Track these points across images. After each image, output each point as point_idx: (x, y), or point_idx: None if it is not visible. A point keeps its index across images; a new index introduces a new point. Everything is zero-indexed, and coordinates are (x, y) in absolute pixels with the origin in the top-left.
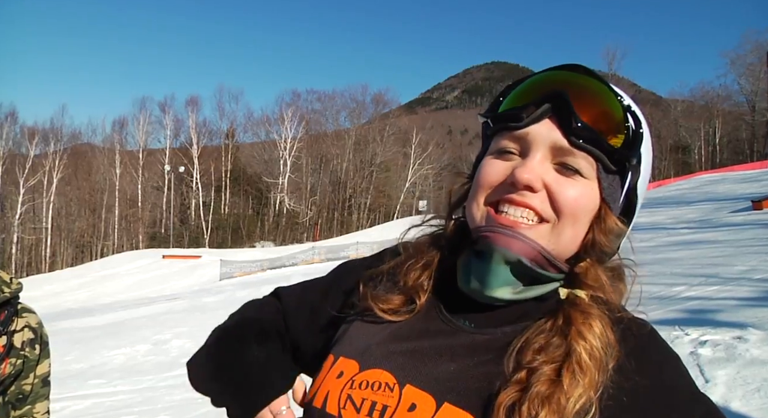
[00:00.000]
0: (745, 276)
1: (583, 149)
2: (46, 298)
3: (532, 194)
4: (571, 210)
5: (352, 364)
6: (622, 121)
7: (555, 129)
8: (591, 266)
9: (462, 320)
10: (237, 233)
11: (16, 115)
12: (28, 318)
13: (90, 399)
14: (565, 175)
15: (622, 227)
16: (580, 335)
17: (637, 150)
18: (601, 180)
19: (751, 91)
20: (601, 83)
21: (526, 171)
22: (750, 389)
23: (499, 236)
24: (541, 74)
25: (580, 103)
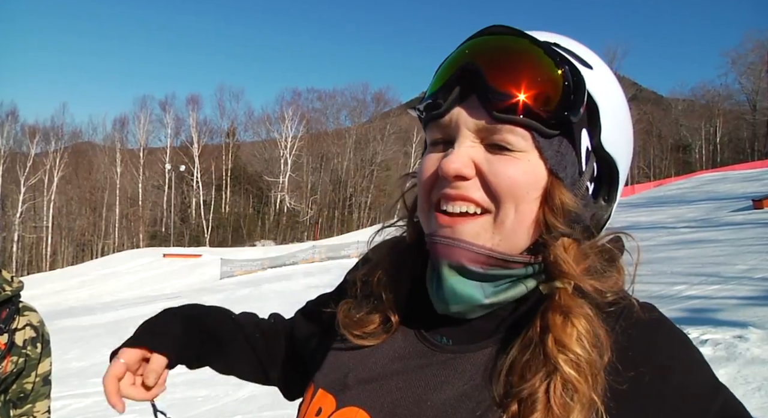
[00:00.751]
0: (746, 275)
1: (507, 121)
2: (46, 296)
3: (465, 184)
4: (508, 190)
5: (329, 399)
6: (553, 74)
7: (476, 107)
8: (568, 247)
9: (439, 336)
10: (237, 231)
11: (16, 114)
12: (30, 316)
13: (91, 397)
14: (496, 153)
15: (572, 201)
16: (560, 344)
17: (579, 100)
18: (542, 149)
19: (752, 90)
20: (516, 37)
21: (451, 160)
22: (750, 388)
23: (439, 246)
24: (453, 52)
25: (494, 70)
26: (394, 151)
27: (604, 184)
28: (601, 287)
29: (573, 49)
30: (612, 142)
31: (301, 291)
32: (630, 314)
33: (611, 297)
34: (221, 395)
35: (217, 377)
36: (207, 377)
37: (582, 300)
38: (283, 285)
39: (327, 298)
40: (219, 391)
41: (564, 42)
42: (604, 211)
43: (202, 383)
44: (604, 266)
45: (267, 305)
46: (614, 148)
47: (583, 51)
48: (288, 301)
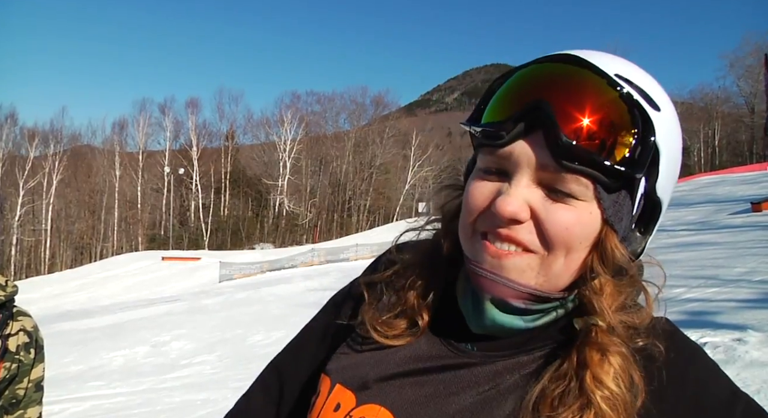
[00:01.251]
0: (745, 278)
1: (573, 171)
2: (45, 300)
3: (518, 226)
4: (562, 241)
5: (348, 396)
6: (625, 121)
7: (540, 147)
8: (604, 284)
9: (465, 343)
10: (236, 234)
11: (16, 117)
12: (24, 322)
13: (89, 401)
14: (555, 200)
15: (623, 253)
16: (596, 380)
17: (646, 156)
18: (601, 201)
19: (750, 93)
20: (593, 75)
21: (508, 202)
22: (750, 391)
23: (483, 280)
24: (521, 73)
25: (566, 112)
26: (393, 154)
27: (644, 219)
28: (633, 324)
29: (643, 84)
30: (664, 185)
31: (300, 294)
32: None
33: (638, 335)
34: (219, 398)
35: (215, 380)
36: (205, 381)
37: (617, 338)
38: (282, 288)
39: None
40: (217, 394)
41: (634, 75)
42: (639, 243)
43: (200, 387)
44: (634, 299)
45: (266, 309)
46: (665, 192)
47: (652, 87)
48: (287, 304)
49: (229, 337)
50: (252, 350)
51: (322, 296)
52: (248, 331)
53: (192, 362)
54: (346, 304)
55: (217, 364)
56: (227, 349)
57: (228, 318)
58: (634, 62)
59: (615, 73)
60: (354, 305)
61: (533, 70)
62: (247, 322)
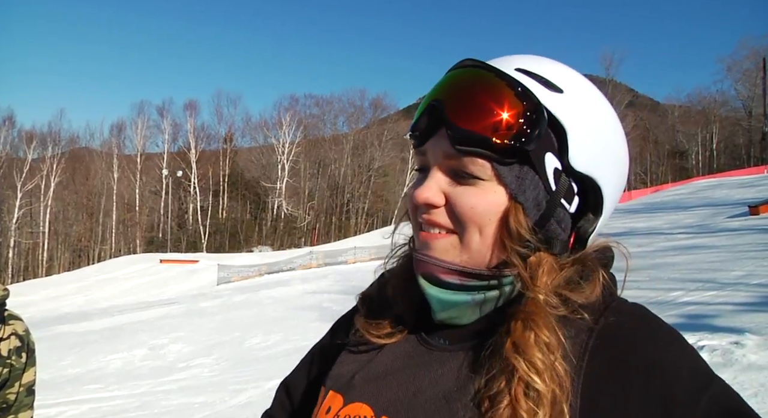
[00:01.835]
0: (742, 281)
1: (468, 153)
2: (42, 302)
3: (435, 210)
4: (470, 219)
5: (338, 398)
6: (511, 103)
7: (443, 140)
8: (542, 261)
9: (437, 338)
10: (235, 237)
11: (13, 119)
12: (15, 325)
13: (86, 404)
14: (462, 183)
15: (526, 226)
16: (516, 348)
17: (534, 129)
18: (501, 176)
19: (747, 97)
20: (478, 69)
21: (421, 190)
22: (747, 395)
23: (419, 262)
24: (436, 84)
25: (454, 105)
26: (392, 157)
27: (590, 198)
28: (574, 298)
29: (543, 72)
30: (584, 161)
31: (298, 297)
32: (610, 316)
33: (577, 304)
34: (217, 401)
35: (212, 383)
36: (203, 384)
37: (547, 309)
38: (280, 291)
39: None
40: (215, 397)
41: (535, 66)
42: (591, 223)
43: (198, 390)
44: (584, 276)
45: (264, 311)
46: (589, 167)
47: (556, 73)
48: (285, 307)
49: (226, 340)
50: (250, 353)
51: (320, 299)
52: (246, 334)
53: (190, 365)
54: (346, 321)
55: (214, 367)
56: (225, 352)
57: (226, 321)
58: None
59: (515, 67)
60: (352, 321)
61: (440, 80)
62: (245, 325)
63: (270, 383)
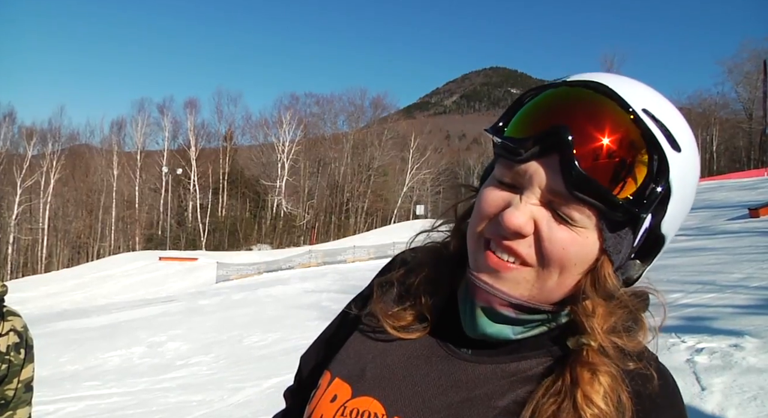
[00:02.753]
0: (742, 284)
1: (582, 201)
2: (41, 299)
3: (521, 240)
4: (557, 259)
5: (345, 388)
6: (641, 159)
7: (554, 171)
8: (596, 306)
9: (460, 345)
10: (234, 235)
11: (14, 116)
12: (14, 321)
13: (84, 401)
14: (557, 220)
15: (615, 283)
16: (587, 399)
17: (657, 195)
18: (602, 231)
19: (748, 100)
20: (618, 108)
21: (515, 215)
22: (746, 398)
23: (479, 290)
24: (549, 93)
25: (584, 142)
26: (392, 156)
27: (645, 251)
28: (624, 346)
29: (668, 122)
30: (670, 223)
31: (296, 296)
32: (639, 380)
33: (629, 358)
34: (216, 399)
35: (211, 381)
36: (201, 382)
37: (607, 359)
38: (279, 289)
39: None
40: (213, 395)
41: (661, 111)
42: (637, 270)
43: (196, 388)
44: (628, 324)
45: (262, 310)
46: (670, 228)
47: (678, 126)
48: (284, 305)
49: (225, 338)
50: (248, 351)
51: (319, 297)
52: (245, 332)
53: (188, 363)
54: (358, 303)
55: (213, 365)
56: (223, 350)
57: (224, 319)
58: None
59: (642, 107)
60: (364, 303)
61: (561, 92)
62: (243, 323)
63: (268, 382)
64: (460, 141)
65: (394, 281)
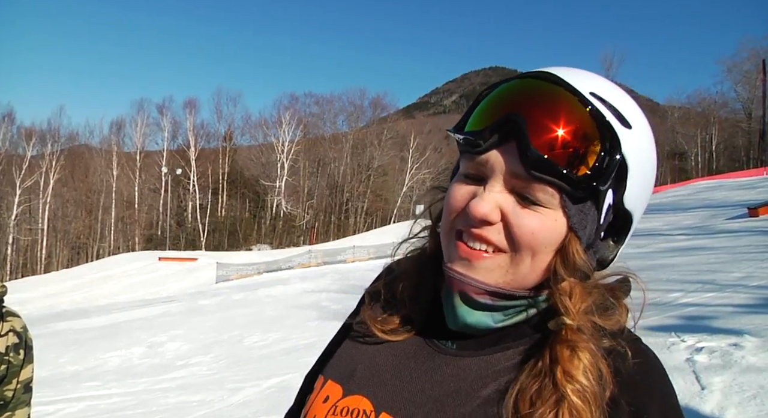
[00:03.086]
0: (742, 283)
1: (540, 181)
2: (41, 299)
3: (489, 227)
4: (527, 243)
5: (336, 388)
6: (592, 136)
7: (513, 157)
8: (573, 287)
9: (445, 340)
10: (234, 235)
11: (13, 116)
12: (13, 322)
13: (84, 402)
14: (524, 206)
15: (584, 259)
16: (568, 375)
17: (611, 170)
18: (567, 209)
19: (747, 99)
20: (566, 92)
21: (480, 204)
22: (746, 397)
23: (454, 281)
24: (503, 87)
25: (538, 125)
26: (391, 156)
27: (616, 229)
28: (602, 324)
29: (616, 102)
30: (634, 198)
31: (296, 296)
32: (621, 356)
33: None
34: (216, 399)
35: (211, 381)
36: (201, 382)
37: (586, 335)
38: (278, 290)
39: None
40: (213, 395)
41: (608, 93)
42: (611, 251)
43: (196, 388)
44: (608, 303)
45: (262, 310)
46: (634, 204)
47: (626, 105)
48: (284, 305)
49: (225, 338)
50: (248, 352)
51: (319, 297)
52: (245, 332)
53: (188, 363)
54: (353, 315)
55: (213, 365)
56: (223, 350)
57: (224, 319)
58: (612, 80)
59: (590, 91)
60: (357, 311)
61: (514, 85)
62: (243, 323)
63: (268, 382)
64: None
65: (381, 290)
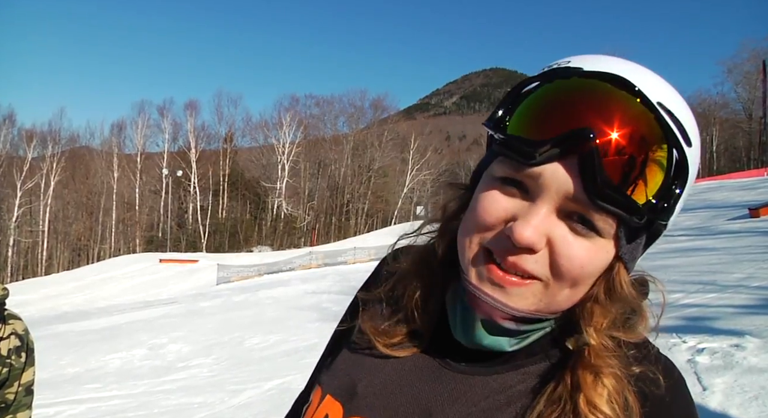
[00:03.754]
0: (743, 284)
1: (605, 211)
2: (41, 301)
3: (530, 256)
4: (573, 277)
5: (337, 407)
6: (663, 163)
7: (574, 176)
8: (594, 302)
9: (456, 357)
10: (234, 237)
11: (14, 118)
12: (15, 325)
13: (85, 404)
14: (575, 232)
15: (631, 289)
16: (590, 404)
17: (675, 203)
18: (620, 239)
19: (747, 100)
20: (641, 106)
21: (528, 229)
22: (747, 398)
23: (480, 303)
24: (561, 85)
25: (607, 145)
26: (392, 157)
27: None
28: (626, 339)
29: (681, 118)
30: (674, 216)
31: (297, 297)
32: (646, 380)
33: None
34: (216, 401)
35: (212, 383)
36: (202, 384)
37: (610, 358)
38: (279, 291)
39: None
40: (214, 397)
41: (675, 105)
42: (632, 262)
43: (197, 390)
44: (628, 315)
45: (263, 311)
46: (672, 220)
47: (689, 121)
48: (284, 307)
49: (226, 340)
50: (249, 353)
51: (320, 299)
52: (245, 334)
53: (189, 365)
54: (347, 318)
55: (214, 367)
56: (224, 352)
57: (225, 321)
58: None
59: (658, 101)
60: (353, 317)
61: (576, 86)
62: (244, 325)
63: (269, 384)
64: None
65: (382, 295)
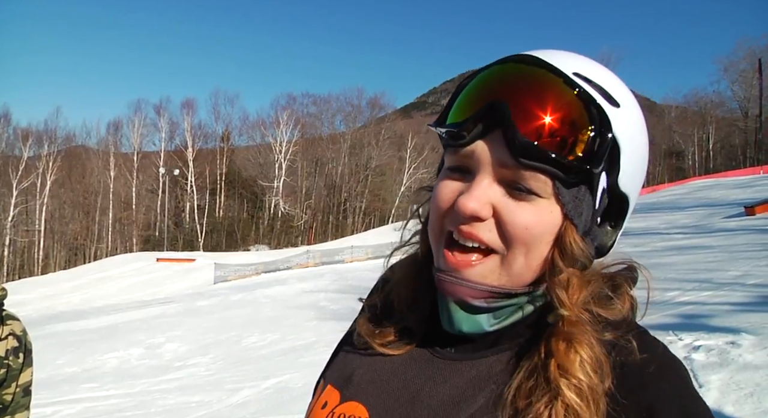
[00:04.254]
0: (739, 281)
1: (531, 168)
2: (38, 301)
3: (479, 223)
4: (522, 240)
5: (335, 394)
6: (582, 118)
7: (500, 146)
8: (571, 276)
9: (445, 345)
10: (231, 236)
11: (9, 117)
12: (13, 326)
13: (82, 403)
14: (516, 198)
15: (582, 247)
16: (561, 369)
17: (603, 151)
18: (560, 197)
19: (743, 98)
20: (550, 74)
21: (470, 199)
22: (743, 394)
23: (446, 284)
24: (482, 75)
25: (523, 111)
26: (389, 156)
27: (612, 214)
28: (603, 314)
29: (601, 82)
30: (628, 179)
31: (294, 296)
32: (624, 350)
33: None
34: (214, 400)
35: (209, 382)
36: (200, 383)
37: (584, 327)
38: (276, 290)
39: None
40: (212, 396)
41: (593, 73)
42: (609, 237)
43: (194, 389)
44: (609, 292)
45: (260, 310)
46: (629, 186)
47: (611, 84)
48: (282, 306)
49: (223, 339)
50: (246, 352)
51: (317, 297)
52: (243, 333)
53: (186, 364)
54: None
55: (211, 366)
56: (221, 351)
57: (222, 320)
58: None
59: (573, 71)
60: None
61: (493, 72)
62: (241, 324)
63: (266, 383)
64: None
65: (378, 302)
